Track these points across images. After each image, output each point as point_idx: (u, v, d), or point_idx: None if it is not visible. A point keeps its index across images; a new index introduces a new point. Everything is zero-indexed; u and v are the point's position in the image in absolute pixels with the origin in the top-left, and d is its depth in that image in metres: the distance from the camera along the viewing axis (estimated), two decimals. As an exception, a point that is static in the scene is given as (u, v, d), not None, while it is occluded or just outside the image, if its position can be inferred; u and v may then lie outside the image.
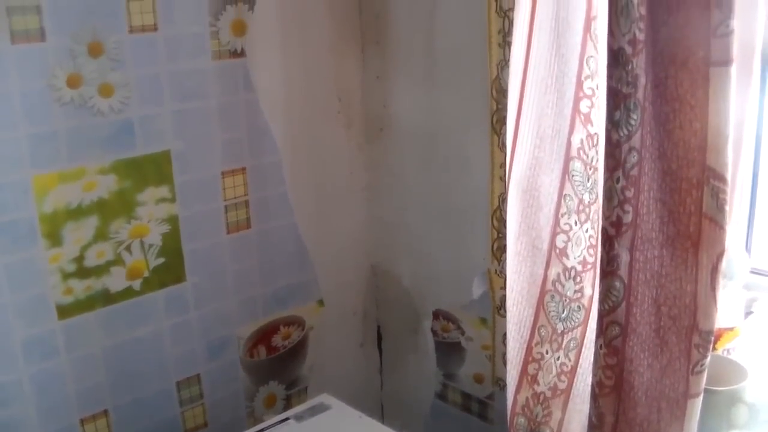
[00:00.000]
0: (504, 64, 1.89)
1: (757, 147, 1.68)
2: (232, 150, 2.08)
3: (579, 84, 1.57)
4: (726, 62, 1.26)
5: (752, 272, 1.75)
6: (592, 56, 1.54)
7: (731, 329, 1.65)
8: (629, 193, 1.39)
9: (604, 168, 1.43)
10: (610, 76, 1.38)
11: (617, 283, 1.44)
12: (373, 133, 2.37)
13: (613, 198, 1.41)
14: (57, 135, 1.77)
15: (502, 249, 1.93)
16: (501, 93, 1.91)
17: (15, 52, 1.67)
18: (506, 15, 1.87)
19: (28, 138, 1.72)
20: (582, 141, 1.59)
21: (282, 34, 2.12)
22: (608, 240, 1.44)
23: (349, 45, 2.30)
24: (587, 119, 1.58)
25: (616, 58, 1.35)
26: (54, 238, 1.81)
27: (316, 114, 2.26)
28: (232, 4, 2.00)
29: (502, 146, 1.93)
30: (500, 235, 2.02)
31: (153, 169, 1.93)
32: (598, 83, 1.54)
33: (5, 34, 1.65)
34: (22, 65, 1.69)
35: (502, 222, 1.96)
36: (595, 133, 1.57)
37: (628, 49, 1.33)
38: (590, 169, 1.60)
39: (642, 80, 1.34)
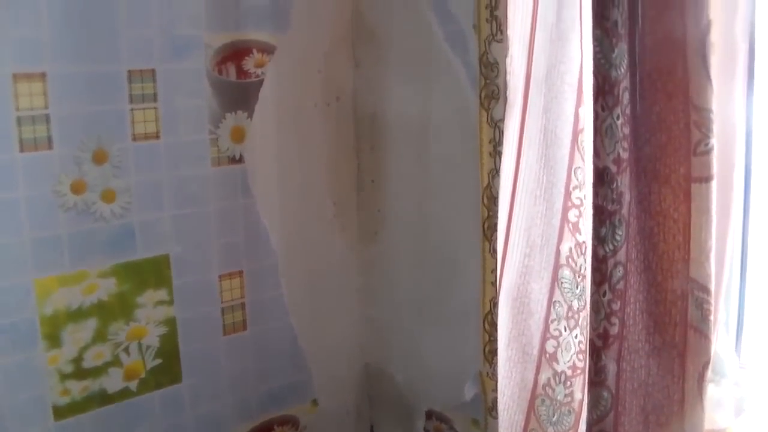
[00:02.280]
0: (495, 172, 1.94)
1: (743, 244, 1.72)
2: (229, 254, 2.12)
3: (567, 194, 1.61)
4: (707, 178, 1.32)
5: (742, 368, 1.76)
6: (579, 167, 1.58)
7: (723, 430, 1.66)
8: (616, 306, 1.42)
9: (591, 282, 1.47)
10: (595, 194, 1.42)
11: (605, 393, 1.47)
12: (368, 237, 2.41)
13: (600, 311, 1.44)
14: (60, 239, 1.81)
15: (494, 352, 1.95)
16: (492, 200, 1.95)
17: (22, 160, 1.73)
18: (497, 125, 1.93)
19: (31, 242, 1.77)
20: (571, 249, 1.63)
21: (279, 141, 2.19)
22: (596, 351, 1.46)
23: (344, 151, 2.36)
24: (575, 228, 1.62)
25: (602, 177, 1.40)
26: (53, 339, 1.83)
27: (312, 218, 2.31)
28: (231, 112, 2.06)
29: (493, 252, 1.96)
30: (492, 338, 2.04)
31: (152, 273, 1.97)
32: (585, 193, 1.59)
33: (14, 143, 1.71)
34: (28, 173, 1.74)
35: (494, 326, 1.99)
36: (583, 242, 1.61)
37: (613, 168, 1.38)
38: (579, 276, 1.63)
39: (626, 197, 1.39)
